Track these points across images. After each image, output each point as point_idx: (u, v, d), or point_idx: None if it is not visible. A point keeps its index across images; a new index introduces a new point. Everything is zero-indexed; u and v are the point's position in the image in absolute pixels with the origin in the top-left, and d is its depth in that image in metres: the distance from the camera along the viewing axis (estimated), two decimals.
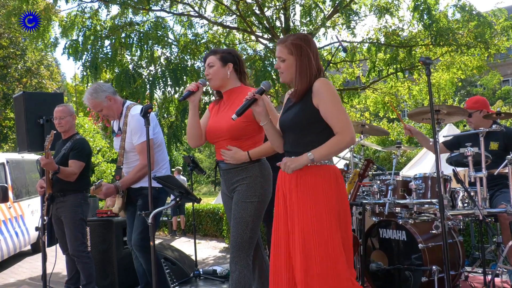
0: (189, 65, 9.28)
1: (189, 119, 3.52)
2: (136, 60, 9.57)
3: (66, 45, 9.18)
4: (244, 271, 3.33)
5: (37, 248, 9.92)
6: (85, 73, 8.99)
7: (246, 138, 3.43)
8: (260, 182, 3.43)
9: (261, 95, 3.05)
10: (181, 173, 14.66)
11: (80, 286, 5.09)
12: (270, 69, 8.79)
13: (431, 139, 5.28)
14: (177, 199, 3.36)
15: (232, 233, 3.39)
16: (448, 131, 10.30)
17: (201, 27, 10.94)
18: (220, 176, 3.61)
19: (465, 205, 4.41)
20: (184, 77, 9.05)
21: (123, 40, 9.11)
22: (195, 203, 5.78)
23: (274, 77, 8.77)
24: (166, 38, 9.38)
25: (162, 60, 9.57)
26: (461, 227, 4.71)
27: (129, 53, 9.47)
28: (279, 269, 2.97)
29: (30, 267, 8.67)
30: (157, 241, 4.24)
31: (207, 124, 3.60)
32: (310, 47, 3.00)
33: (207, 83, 3.57)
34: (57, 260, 5.14)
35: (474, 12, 9.69)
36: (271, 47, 10.19)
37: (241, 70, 3.60)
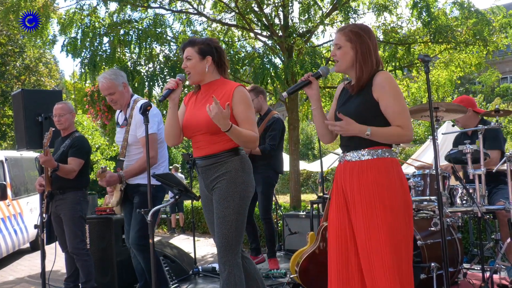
0: None
1: (168, 118, 3.33)
2: (134, 57, 9.57)
3: (65, 43, 9.18)
4: (233, 271, 3.20)
5: (36, 246, 9.93)
6: (83, 71, 8.99)
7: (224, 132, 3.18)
8: (241, 177, 3.25)
9: (317, 79, 3.00)
10: (179, 170, 14.66)
11: (80, 284, 5.09)
12: (269, 66, 8.79)
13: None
14: (176, 196, 3.35)
15: (217, 234, 3.22)
16: (446, 129, 10.31)
17: (200, 24, 10.94)
18: (198, 174, 3.43)
19: (464, 202, 4.42)
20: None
21: (121, 37, 9.11)
22: (194, 201, 5.77)
23: (273, 74, 8.78)
24: (165, 36, 9.38)
25: (161, 57, 9.57)
26: (460, 224, 4.72)
27: (128, 51, 9.47)
28: (346, 267, 2.85)
29: (29, 264, 8.67)
30: (156, 239, 4.23)
31: (184, 117, 3.42)
32: (370, 38, 2.91)
33: (186, 78, 3.42)
34: (56, 258, 5.14)
35: (472, 9, 9.70)
36: (270, 44, 10.20)
37: (221, 62, 3.40)
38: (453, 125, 5.56)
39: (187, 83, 3.64)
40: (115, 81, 4.33)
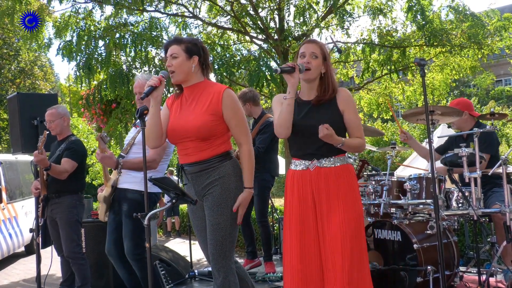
0: None
1: (150, 117, 3.16)
2: (130, 60, 9.55)
3: (60, 46, 9.14)
4: (228, 277, 3.16)
5: (31, 249, 9.89)
6: (78, 74, 8.96)
7: (214, 138, 3.17)
8: (234, 182, 3.19)
9: (301, 70, 3.13)
10: (174, 173, 14.64)
11: None
12: (264, 69, 8.78)
13: (424, 145, 5.32)
14: (173, 200, 3.33)
15: (211, 241, 3.16)
16: (442, 132, 10.33)
17: (196, 27, 10.93)
18: (186, 181, 3.32)
19: (460, 205, 4.43)
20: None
21: (117, 40, 9.10)
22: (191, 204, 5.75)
23: (268, 77, 8.77)
24: (160, 39, 9.37)
25: (156, 60, 9.55)
26: (456, 227, 4.73)
27: (123, 54, 9.45)
28: (310, 270, 3.09)
29: (24, 268, 8.64)
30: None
31: (168, 122, 3.29)
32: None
33: (169, 75, 3.25)
34: (52, 262, 5.13)
35: (467, 12, 9.73)
36: (265, 48, 10.20)
37: (206, 63, 3.30)
38: (448, 127, 5.58)
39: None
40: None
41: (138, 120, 4.26)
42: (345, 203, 3.08)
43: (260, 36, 10.52)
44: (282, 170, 13.73)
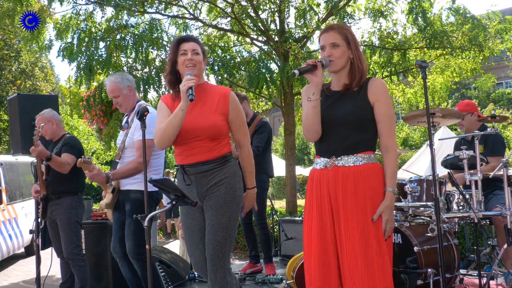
0: None
1: (180, 117, 3.06)
2: (130, 62, 9.56)
3: (61, 48, 9.16)
4: (227, 277, 3.15)
5: (30, 251, 9.88)
6: (79, 75, 8.97)
7: (221, 138, 3.19)
8: (238, 183, 3.23)
9: (322, 67, 2.82)
10: (172, 175, 14.61)
11: None
12: (264, 71, 8.79)
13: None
14: (173, 202, 3.32)
15: (211, 241, 3.13)
16: (442, 134, 10.33)
17: (196, 29, 10.94)
18: (189, 181, 3.25)
19: (460, 208, 4.42)
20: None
21: (118, 42, 9.10)
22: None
23: (268, 79, 8.77)
24: (161, 40, 9.37)
25: (157, 62, 9.56)
26: (456, 230, 4.72)
27: (124, 55, 9.46)
28: (328, 271, 2.81)
29: (24, 270, 8.63)
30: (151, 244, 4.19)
31: None
32: (356, 38, 2.90)
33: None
34: (51, 263, 5.12)
35: (468, 15, 9.73)
36: (266, 50, 10.20)
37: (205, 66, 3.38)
38: (454, 129, 5.59)
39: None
40: (120, 84, 4.34)
41: (125, 123, 4.29)
42: (363, 210, 2.74)
43: (260, 38, 10.53)
44: (281, 171, 13.72)
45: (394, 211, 4.60)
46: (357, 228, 2.72)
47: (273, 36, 10.07)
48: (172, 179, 3.37)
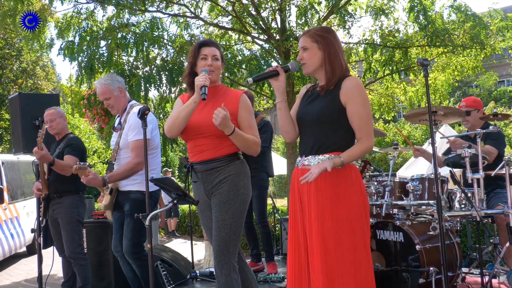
0: (185, 66, 9.25)
1: (190, 108, 3.21)
2: (132, 61, 9.55)
3: (62, 46, 9.14)
4: (231, 275, 3.22)
5: (32, 250, 9.89)
6: (80, 74, 8.97)
7: (227, 136, 3.24)
8: (242, 181, 3.31)
9: (285, 72, 3.01)
10: (175, 174, 14.61)
11: None
12: (265, 69, 8.77)
13: (426, 146, 5.30)
14: (174, 201, 3.32)
15: (215, 238, 3.23)
16: (444, 132, 10.32)
17: (197, 28, 10.94)
18: (196, 178, 3.37)
19: (462, 206, 4.41)
20: (180, 78, 9.04)
21: (119, 41, 9.09)
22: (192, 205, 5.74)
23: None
24: (162, 39, 9.37)
25: (158, 61, 9.55)
26: (458, 228, 4.72)
27: (125, 54, 9.45)
28: (299, 272, 2.91)
29: (26, 269, 8.64)
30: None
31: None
32: (335, 39, 2.93)
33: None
34: (53, 262, 5.12)
35: (469, 13, 9.69)
36: (267, 48, 10.19)
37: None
38: (459, 125, 5.58)
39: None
40: (110, 86, 4.36)
41: (118, 124, 4.31)
42: (322, 209, 2.79)
43: (261, 36, 10.51)
44: (283, 170, 13.71)
45: (396, 210, 4.61)
46: (317, 228, 2.79)
47: (274, 35, 10.05)
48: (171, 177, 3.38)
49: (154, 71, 9.10)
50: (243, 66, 9.71)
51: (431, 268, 4.13)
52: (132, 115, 4.24)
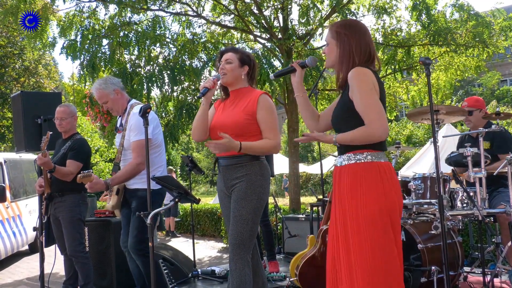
0: (187, 64, 9.26)
1: (200, 112, 3.51)
2: (134, 59, 9.56)
3: (64, 45, 9.17)
4: (245, 269, 3.32)
5: (34, 248, 9.90)
6: (82, 73, 8.97)
7: (249, 136, 3.42)
8: (260, 180, 3.43)
9: (302, 68, 3.07)
10: (177, 172, 14.61)
11: (78, 287, 5.07)
12: (267, 67, 8.77)
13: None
14: (176, 199, 3.33)
15: (231, 231, 3.37)
16: (446, 131, 10.31)
17: (199, 26, 10.94)
18: (219, 172, 3.59)
19: (464, 205, 4.40)
20: (182, 77, 9.05)
21: (121, 39, 9.10)
22: (194, 203, 5.75)
23: (271, 75, 8.75)
24: (164, 38, 9.37)
25: (160, 59, 9.55)
26: (460, 227, 4.70)
27: (127, 53, 9.46)
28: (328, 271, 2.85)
29: (28, 267, 8.65)
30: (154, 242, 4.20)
31: (212, 121, 3.61)
32: (355, 35, 2.79)
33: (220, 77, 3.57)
34: (55, 260, 5.13)
35: (472, 12, 9.69)
36: (269, 47, 10.18)
37: (253, 76, 3.67)
38: (461, 124, 5.57)
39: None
40: (105, 90, 4.38)
41: (119, 125, 4.32)
42: (343, 210, 2.73)
43: (264, 35, 10.51)
44: (284, 169, 13.73)
45: None
46: (340, 226, 2.75)
47: (277, 33, 10.06)
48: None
49: (156, 70, 9.11)
50: None
51: (433, 267, 4.12)
52: (133, 116, 4.24)
